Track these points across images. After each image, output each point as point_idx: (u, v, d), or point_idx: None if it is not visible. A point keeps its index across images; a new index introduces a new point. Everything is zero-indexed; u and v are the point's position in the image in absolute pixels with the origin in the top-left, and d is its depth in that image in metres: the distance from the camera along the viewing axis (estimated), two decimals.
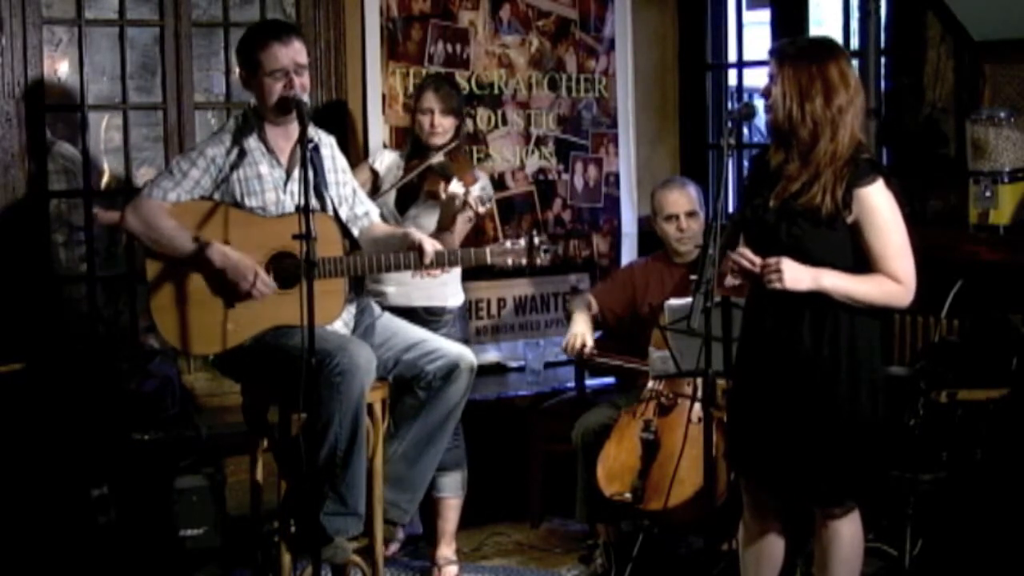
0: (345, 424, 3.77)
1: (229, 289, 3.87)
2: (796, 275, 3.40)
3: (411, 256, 3.95)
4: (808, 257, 3.43)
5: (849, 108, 3.43)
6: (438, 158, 4.59)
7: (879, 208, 3.42)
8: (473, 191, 4.32)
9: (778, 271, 3.39)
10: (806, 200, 3.43)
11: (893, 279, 3.43)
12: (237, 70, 4.08)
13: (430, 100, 4.65)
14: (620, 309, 4.83)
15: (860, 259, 3.45)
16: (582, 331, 4.69)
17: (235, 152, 3.95)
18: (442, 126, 4.65)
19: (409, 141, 4.84)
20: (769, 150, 3.57)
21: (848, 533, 3.57)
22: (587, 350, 4.65)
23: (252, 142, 3.97)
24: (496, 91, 5.70)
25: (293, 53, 3.93)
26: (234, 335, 3.90)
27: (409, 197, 4.66)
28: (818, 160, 3.43)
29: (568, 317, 4.89)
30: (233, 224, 3.90)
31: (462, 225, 4.48)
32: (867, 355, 3.49)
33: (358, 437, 3.82)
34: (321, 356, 3.68)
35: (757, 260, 3.43)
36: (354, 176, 4.67)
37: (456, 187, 4.31)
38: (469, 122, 5.43)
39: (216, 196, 3.93)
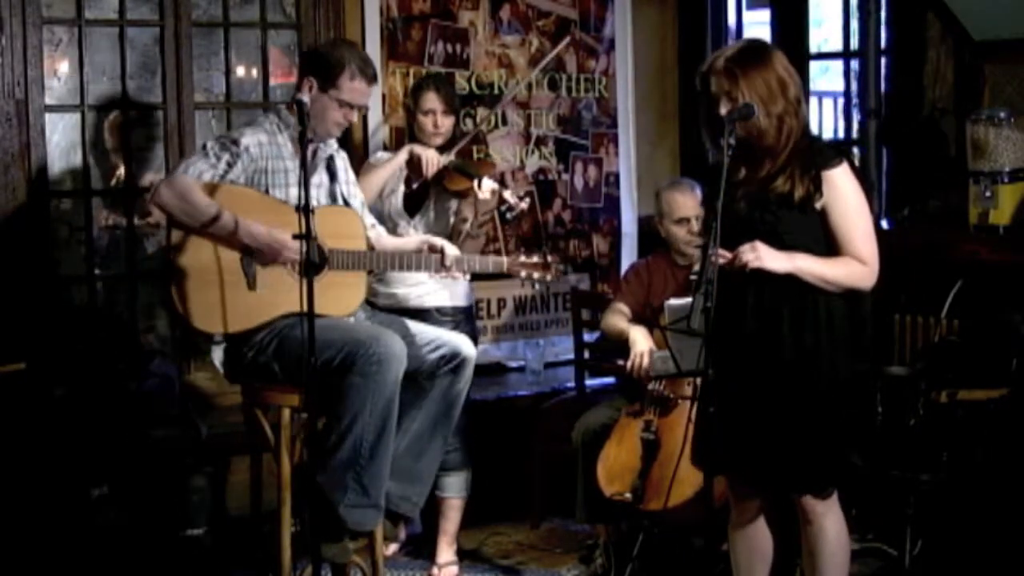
0: (376, 414, 3.80)
1: (253, 268, 3.90)
2: (772, 254, 3.43)
3: (432, 258, 4.04)
4: (783, 243, 3.46)
5: (799, 95, 3.50)
6: (449, 157, 4.60)
7: (846, 190, 3.47)
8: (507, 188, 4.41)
9: (754, 250, 3.42)
10: (774, 189, 3.47)
11: (859, 260, 3.47)
12: (300, 73, 4.11)
13: (432, 100, 4.65)
14: (639, 308, 4.81)
15: (828, 244, 3.49)
16: (649, 348, 4.41)
17: (266, 144, 4.01)
18: (444, 126, 4.66)
19: (407, 142, 4.83)
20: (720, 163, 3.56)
21: (832, 528, 3.59)
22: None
23: (282, 138, 4.04)
24: (496, 91, 5.70)
25: (369, 96, 4.10)
26: (249, 317, 3.91)
27: (419, 198, 4.65)
28: (779, 151, 3.47)
29: (611, 332, 4.66)
30: (262, 210, 3.93)
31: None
32: (844, 337, 3.50)
33: (388, 427, 3.85)
34: (354, 346, 3.74)
35: (727, 253, 3.44)
36: (360, 177, 4.71)
37: (491, 183, 4.42)
38: (468, 121, 5.44)
39: (242, 183, 3.97)
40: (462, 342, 4.16)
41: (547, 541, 5.08)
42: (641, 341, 4.46)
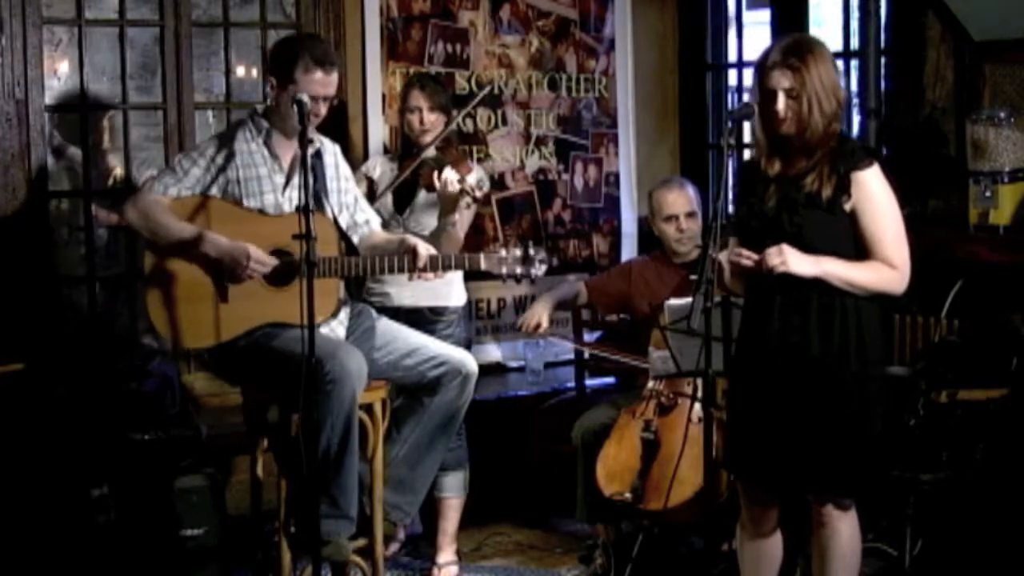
0: (337, 429, 3.79)
1: (224, 282, 3.90)
2: (799, 257, 3.40)
3: (405, 259, 3.95)
4: (810, 247, 3.43)
5: (844, 97, 3.47)
6: (430, 152, 4.61)
7: (876, 192, 3.44)
8: (469, 177, 4.36)
9: (780, 254, 3.39)
10: (803, 187, 3.44)
11: (889, 265, 3.43)
12: (264, 72, 4.08)
13: (417, 98, 4.66)
14: (611, 298, 4.84)
15: (858, 247, 3.46)
16: (539, 311, 4.82)
17: (237, 153, 3.98)
18: (430, 123, 4.66)
19: (399, 142, 4.85)
20: (757, 160, 3.55)
21: (846, 531, 3.57)
22: (541, 329, 4.80)
23: (254, 145, 4.00)
24: (496, 91, 5.69)
25: (330, 85, 3.97)
26: (226, 330, 3.91)
27: (406, 196, 4.66)
28: (816, 150, 3.44)
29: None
30: (231, 220, 3.92)
31: (465, 215, 4.52)
32: (873, 341, 3.48)
33: (350, 442, 3.84)
34: (312, 362, 3.69)
35: (754, 255, 3.42)
36: None
37: (449, 173, 4.37)
38: (469, 122, 5.43)
39: (215, 194, 3.95)
40: (465, 359, 4.16)
41: (547, 541, 5.08)
42: (539, 303, 4.89)
